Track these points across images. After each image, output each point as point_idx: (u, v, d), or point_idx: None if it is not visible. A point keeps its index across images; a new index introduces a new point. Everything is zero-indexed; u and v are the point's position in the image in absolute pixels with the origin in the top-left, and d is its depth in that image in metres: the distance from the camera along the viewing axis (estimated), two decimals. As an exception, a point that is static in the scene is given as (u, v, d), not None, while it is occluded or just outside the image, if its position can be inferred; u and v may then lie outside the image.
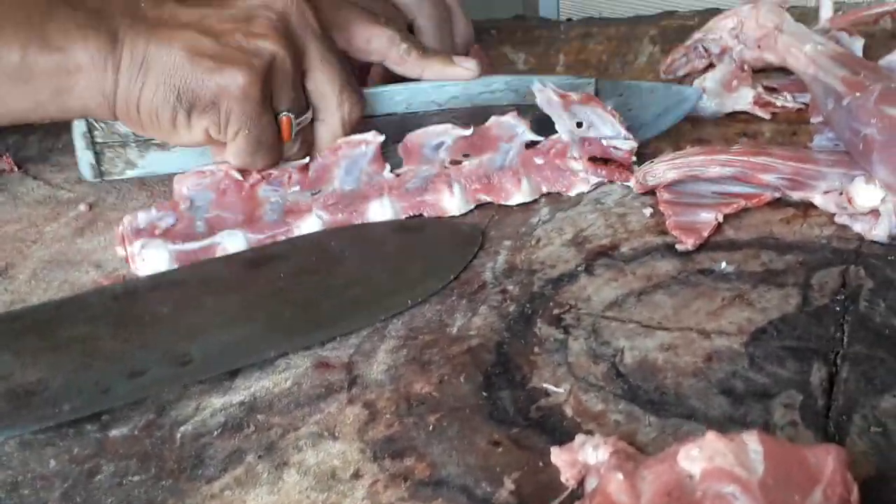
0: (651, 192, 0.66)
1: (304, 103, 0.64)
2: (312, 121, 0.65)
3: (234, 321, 0.57)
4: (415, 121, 0.70)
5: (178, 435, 0.52)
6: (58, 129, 0.79)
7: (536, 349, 0.54)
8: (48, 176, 0.72)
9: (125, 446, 0.51)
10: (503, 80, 0.70)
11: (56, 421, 0.51)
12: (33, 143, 0.77)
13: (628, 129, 0.68)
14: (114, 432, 0.52)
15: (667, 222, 0.62)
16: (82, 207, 0.69)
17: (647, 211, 0.65)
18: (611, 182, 0.68)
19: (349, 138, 0.67)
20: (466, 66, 0.69)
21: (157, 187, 0.71)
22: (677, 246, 0.61)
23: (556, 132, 0.68)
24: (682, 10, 0.92)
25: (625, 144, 0.68)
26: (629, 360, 0.53)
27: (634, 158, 0.68)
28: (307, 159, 0.66)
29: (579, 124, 0.68)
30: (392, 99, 0.70)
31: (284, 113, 0.63)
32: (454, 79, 0.70)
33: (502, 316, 0.57)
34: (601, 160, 0.68)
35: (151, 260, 0.61)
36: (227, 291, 0.60)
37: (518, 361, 0.53)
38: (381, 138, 0.67)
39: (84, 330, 0.56)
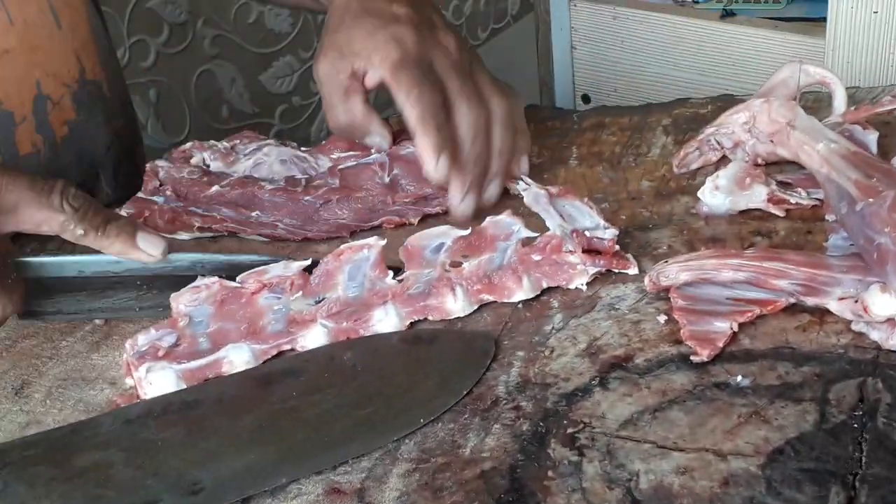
0: (665, 294, 0.66)
1: None
2: None
3: (246, 445, 0.57)
4: (94, 284, 0.69)
5: (190, 568, 0.51)
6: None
7: (550, 473, 0.54)
8: (64, 287, 0.73)
9: (137, 581, 0.51)
10: (189, 259, 0.69)
11: (67, 557, 0.51)
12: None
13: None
14: (126, 565, 0.52)
15: (681, 332, 0.62)
16: (98, 321, 0.70)
17: (662, 318, 0.64)
18: (609, 271, 0.69)
19: (352, 243, 0.67)
20: (150, 252, 0.66)
21: (172, 298, 0.71)
22: (692, 357, 0.60)
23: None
24: (696, 98, 0.92)
25: (606, 234, 0.69)
26: (644, 485, 0.52)
27: (617, 247, 0.69)
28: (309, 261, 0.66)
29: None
30: (63, 266, 0.69)
31: None
32: (136, 260, 0.67)
33: (515, 436, 0.56)
34: (595, 251, 0.68)
35: (158, 383, 0.61)
36: (239, 412, 0.60)
37: (532, 487, 0.53)
38: (383, 242, 0.67)
39: (97, 457, 0.56)
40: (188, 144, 0.84)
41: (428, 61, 0.75)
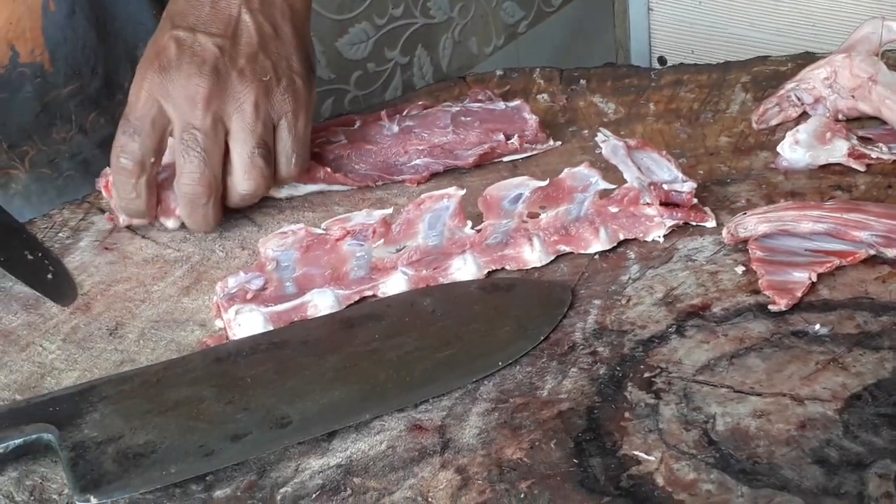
0: (743, 246, 0.66)
1: None
2: None
3: (330, 383, 0.59)
4: None
5: (279, 497, 0.53)
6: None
7: (627, 414, 0.55)
8: (154, 235, 0.76)
9: (228, 508, 0.53)
10: None
11: (163, 483, 0.54)
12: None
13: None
14: (218, 493, 0.54)
15: (759, 282, 0.62)
16: (187, 267, 0.72)
17: (740, 269, 0.64)
18: (686, 224, 0.69)
19: (432, 193, 0.69)
20: None
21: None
22: (770, 307, 0.60)
23: None
24: (775, 55, 0.91)
25: (684, 186, 0.69)
26: (721, 426, 0.53)
27: (695, 200, 0.69)
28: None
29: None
30: None
31: None
32: None
33: (592, 379, 0.58)
34: (673, 204, 0.69)
35: (247, 324, 0.63)
36: (323, 353, 0.62)
37: (609, 427, 0.54)
38: (463, 192, 0.68)
39: (189, 392, 0.59)
40: None
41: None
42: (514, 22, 2.20)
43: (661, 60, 1.40)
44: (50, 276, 0.70)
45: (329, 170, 0.79)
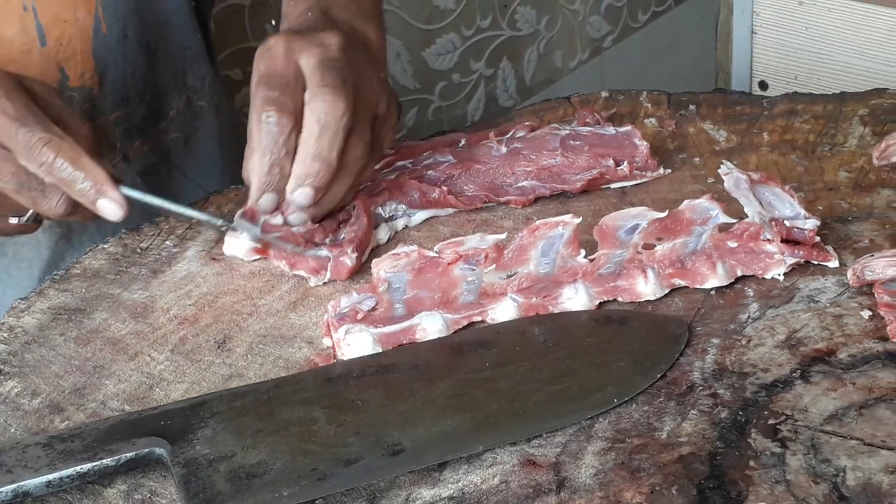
0: (868, 289, 0.64)
1: None
2: None
3: (442, 411, 0.58)
4: None
5: (390, 527, 0.53)
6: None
7: (752, 462, 0.53)
8: (261, 248, 0.75)
9: (338, 534, 0.52)
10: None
11: (276, 506, 0.53)
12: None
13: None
14: (327, 518, 0.53)
15: (888, 328, 0.60)
16: (293, 282, 0.72)
17: (866, 313, 0.62)
18: (807, 262, 0.67)
19: (547, 220, 0.67)
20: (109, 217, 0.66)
21: (363, 265, 0.73)
22: (900, 356, 0.58)
23: None
24: (893, 89, 0.88)
25: (807, 224, 0.67)
26: (852, 481, 0.51)
27: (818, 238, 0.67)
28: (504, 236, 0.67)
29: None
30: None
31: None
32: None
33: (714, 423, 0.56)
34: (794, 241, 0.66)
35: (356, 344, 0.63)
36: (434, 379, 0.61)
37: (733, 475, 0.52)
38: (578, 220, 0.67)
39: (300, 413, 0.58)
40: None
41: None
42: (599, 37, 2.18)
43: (763, 85, 1.38)
44: None
45: (445, 189, 0.78)
